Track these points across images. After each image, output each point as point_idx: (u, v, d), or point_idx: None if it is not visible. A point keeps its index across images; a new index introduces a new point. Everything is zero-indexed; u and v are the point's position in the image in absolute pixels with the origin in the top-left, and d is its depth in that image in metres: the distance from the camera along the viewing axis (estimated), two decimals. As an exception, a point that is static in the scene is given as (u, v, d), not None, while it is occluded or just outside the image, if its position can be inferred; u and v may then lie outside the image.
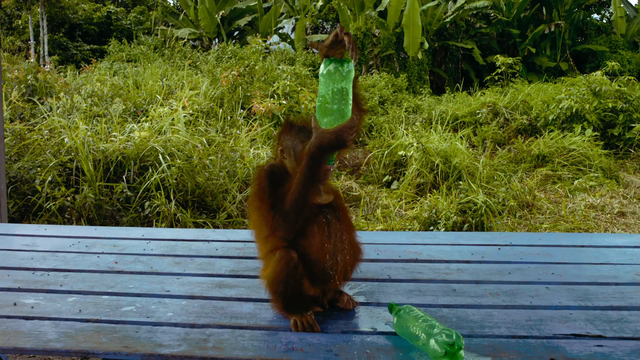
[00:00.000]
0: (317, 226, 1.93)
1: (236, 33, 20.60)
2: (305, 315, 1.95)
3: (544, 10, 18.66)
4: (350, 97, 1.78)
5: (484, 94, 12.38)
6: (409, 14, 15.20)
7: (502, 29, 18.16)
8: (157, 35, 18.53)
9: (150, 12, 21.21)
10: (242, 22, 19.35)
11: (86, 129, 6.65)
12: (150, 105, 8.74)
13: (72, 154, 6.14)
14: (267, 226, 1.93)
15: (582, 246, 3.00)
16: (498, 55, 14.29)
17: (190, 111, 8.20)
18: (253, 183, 1.99)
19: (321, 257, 1.94)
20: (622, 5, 18.27)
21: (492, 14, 18.83)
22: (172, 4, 23.55)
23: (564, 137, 8.92)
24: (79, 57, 18.23)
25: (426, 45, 15.85)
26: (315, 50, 19.51)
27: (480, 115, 10.28)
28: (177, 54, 15.30)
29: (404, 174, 7.66)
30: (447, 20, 17.15)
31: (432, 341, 1.68)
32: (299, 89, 9.49)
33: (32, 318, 2.02)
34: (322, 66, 1.76)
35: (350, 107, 1.79)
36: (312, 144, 1.79)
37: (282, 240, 1.94)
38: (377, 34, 16.35)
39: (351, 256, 2.05)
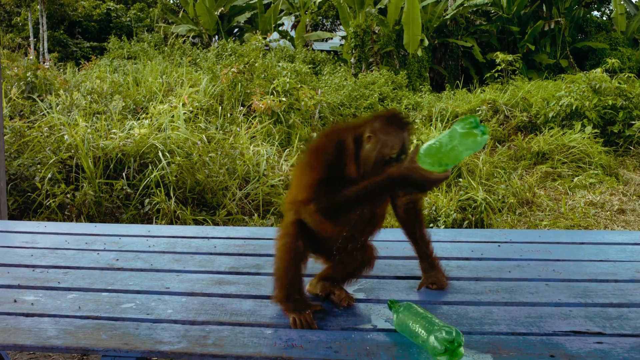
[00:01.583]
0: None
1: (236, 30, 20.58)
2: (303, 314, 1.95)
3: (544, 8, 18.64)
4: (458, 162, 1.75)
5: (484, 91, 12.38)
6: (409, 11, 15.19)
7: (502, 26, 18.14)
8: (156, 32, 18.51)
9: (150, 9, 21.18)
10: (241, 19, 19.32)
11: (86, 126, 6.64)
12: (150, 103, 8.74)
13: (72, 151, 6.14)
14: (307, 192, 1.89)
15: (582, 243, 3.00)
16: (498, 53, 14.29)
17: (190, 108, 8.20)
18: (317, 143, 1.95)
19: (334, 240, 1.99)
20: (622, 3, 18.26)
21: (492, 11, 18.80)
22: (171, 2, 23.52)
23: (563, 134, 8.91)
24: (78, 54, 18.21)
25: (426, 42, 15.84)
26: (314, 48, 19.49)
27: (480, 112, 10.27)
28: (177, 51, 15.29)
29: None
30: (447, 17, 17.13)
31: (431, 338, 1.68)
32: (299, 86, 9.49)
33: (32, 315, 2.01)
34: (468, 121, 1.65)
35: (450, 168, 1.76)
36: (401, 171, 1.74)
37: (314, 212, 1.89)
38: (377, 31, 16.32)
39: (362, 255, 2.11)
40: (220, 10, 18.66)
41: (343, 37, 20.22)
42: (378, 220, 2.10)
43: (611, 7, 19.70)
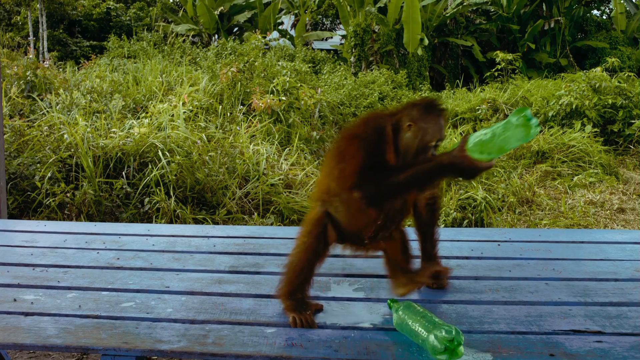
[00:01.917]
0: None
1: (236, 29, 20.57)
2: (304, 314, 1.95)
3: (544, 7, 18.63)
4: (504, 152, 1.79)
5: (484, 90, 12.38)
6: (409, 10, 15.18)
7: (502, 25, 18.14)
8: (156, 31, 18.49)
9: (150, 8, 21.17)
10: (241, 18, 19.31)
11: (86, 125, 6.64)
12: (150, 102, 8.73)
13: (72, 150, 6.14)
14: (349, 179, 1.87)
15: (582, 242, 3.00)
16: (498, 52, 14.29)
17: (190, 107, 8.19)
18: (355, 130, 1.94)
19: (366, 227, 2.01)
20: (622, 2, 18.25)
21: (492, 10, 18.80)
22: (171, 1, 23.51)
23: (563, 133, 8.91)
24: (78, 53, 18.20)
25: (426, 41, 15.83)
26: (314, 47, 19.48)
27: (480, 111, 10.28)
28: (177, 50, 15.28)
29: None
30: (447, 16, 17.12)
31: (431, 337, 1.68)
32: (299, 85, 9.48)
33: (32, 314, 2.02)
34: (523, 113, 1.71)
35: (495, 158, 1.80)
36: (451, 159, 1.76)
37: (359, 199, 1.87)
38: (376, 30, 16.32)
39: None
40: (220, 10, 18.65)
41: (343, 36, 20.22)
42: (407, 209, 2.12)
43: (611, 6, 19.69)
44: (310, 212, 2.08)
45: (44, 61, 11.33)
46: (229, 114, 8.68)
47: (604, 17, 20.67)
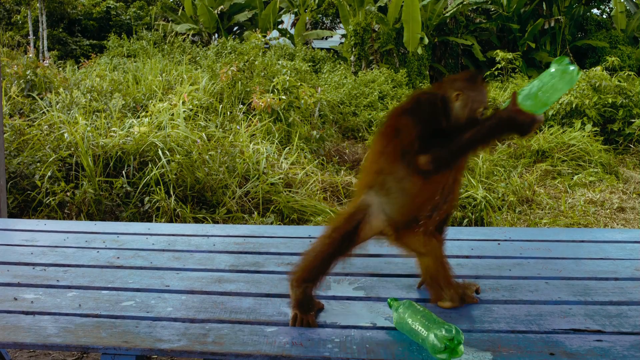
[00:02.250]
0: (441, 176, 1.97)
1: (236, 28, 20.57)
2: (307, 314, 1.95)
3: (544, 6, 18.62)
4: (553, 102, 1.90)
5: (484, 89, 12.34)
6: (409, 9, 15.17)
7: (502, 24, 18.13)
8: (156, 30, 18.48)
9: (150, 7, 21.17)
10: (241, 17, 19.30)
11: (86, 124, 6.64)
12: (150, 101, 8.73)
13: (72, 149, 6.14)
14: (405, 149, 1.91)
15: (582, 241, 3.00)
16: (498, 51, 14.29)
17: (190, 106, 8.19)
18: (406, 105, 2.00)
19: (423, 205, 2.00)
20: (622, 1, 18.24)
21: (492, 9, 18.79)
22: (171, 0, 23.48)
23: (563, 132, 8.91)
24: (78, 52, 18.20)
25: (426, 40, 15.82)
26: (314, 46, 19.48)
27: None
28: (177, 49, 15.28)
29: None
30: (447, 15, 17.11)
31: (431, 336, 1.68)
32: (299, 84, 9.48)
33: (32, 313, 2.02)
34: (564, 61, 1.83)
35: (546, 110, 1.89)
36: (508, 114, 1.84)
37: (426, 165, 1.89)
38: (376, 29, 16.31)
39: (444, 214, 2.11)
40: (220, 9, 18.65)
41: (343, 35, 20.22)
42: (457, 188, 2.13)
43: (611, 5, 19.68)
44: (349, 205, 2.08)
45: (43, 60, 11.32)
46: (229, 113, 8.68)
47: (604, 16, 20.65)
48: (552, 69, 1.83)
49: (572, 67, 1.81)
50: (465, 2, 16.95)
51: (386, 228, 2.03)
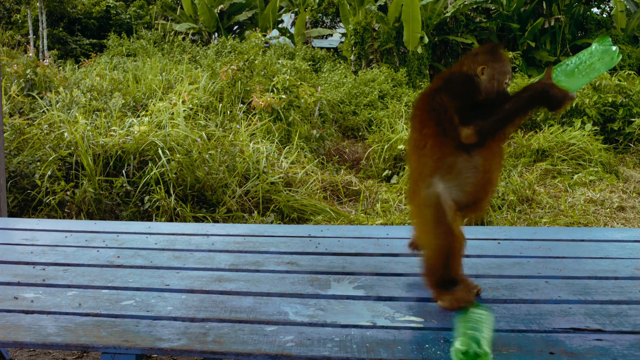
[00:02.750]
0: (489, 153, 1.96)
1: (236, 27, 20.55)
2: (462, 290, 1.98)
3: (544, 5, 18.60)
4: (590, 81, 1.93)
5: (484, 88, 12.35)
6: (409, 9, 15.15)
7: (502, 23, 18.11)
8: (156, 29, 18.47)
9: (150, 7, 21.15)
10: (241, 16, 19.29)
11: (86, 123, 6.64)
12: (150, 100, 8.73)
13: (72, 148, 6.14)
14: (456, 118, 1.90)
15: (582, 240, 3.00)
16: (498, 50, 14.24)
17: (190, 105, 8.19)
18: (440, 81, 2.00)
19: (480, 185, 1.98)
20: (622, 0, 18.22)
21: (492, 8, 18.77)
22: (171, -1, 23.46)
23: (563, 131, 8.91)
24: (78, 51, 18.18)
25: (426, 39, 15.81)
26: (314, 45, 19.47)
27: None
28: (177, 49, 15.27)
29: (404, 168, 7.66)
30: (447, 15, 17.10)
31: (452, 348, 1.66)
32: (299, 83, 9.47)
33: (32, 312, 2.02)
34: (605, 41, 1.83)
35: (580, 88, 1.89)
36: (543, 86, 1.85)
37: (470, 137, 1.89)
38: (377, 28, 16.30)
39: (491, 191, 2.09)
40: (220, 8, 18.64)
41: (343, 34, 20.20)
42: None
43: (611, 5, 19.66)
44: (416, 201, 2.04)
45: (43, 59, 11.31)
46: (229, 112, 8.67)
47: (604, 16, 20.64)
48: (593, 47, 1.83)
49: (613, 48, 1.80)
50: (466, 3, 16.93)
51: (454, 213, 2.02)
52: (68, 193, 5.58)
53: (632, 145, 9.32)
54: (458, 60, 2.09)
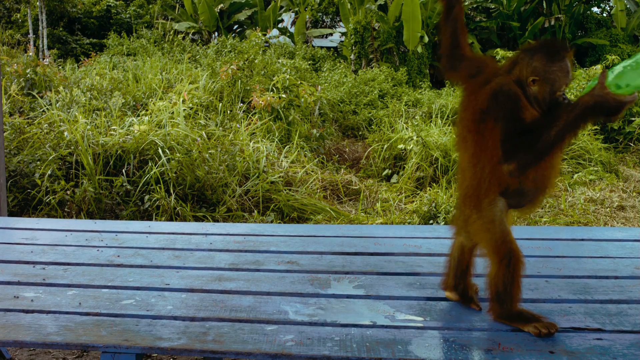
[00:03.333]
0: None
1: (236, 27, 20.55)
2: (542, 321, 1.87)
3: (544, 4, 18.61)
4: None
5: (484, 87, 12.34)
6: (409, 8, 15.15)
7: (502, 23, 18.11)
8: (156, 28, 18.47)
9: (150, 6, 21.14)
10: (241, 16, 19.29)
11: (85, 122, 6.64)
12: (150, 99, 8.73)
13: (72, 147, 6.14)
14: (494, 154, 1.81)
15: (582, 240, 3.00)
16: (498, 49, 14.26)
17: (190, 105, 8.19)
18: (487, 100, 1.83)
19: (539, 192, 1.90)
20: (622, -1, 18.22)
21: (492, 8, 18.78)
22: (171, -2, 23.45)
23: (564, 130, 8.89)
24: (78, 50, 18.18)
25: (426, 39, 15.81)
26: (314, 45, 19.45)
27: (480, 109, 10.24)
28: (177, 48, 15.26)
29: (404, 167, 7.66)
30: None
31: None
32: (299, 82, 9.47)
33: (32, 311, 2.02)
34: None
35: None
36: (595, 99, 1.70)
37: (512, 172, 1.80)
38: (377, 28, 16.30)
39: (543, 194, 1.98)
40: (220, 7, 18.63)
41: (343, 34, 20.20)
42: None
43: (611, 4, 19.66)
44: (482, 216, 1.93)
45: (43, 59, 11.31)
46: (229, 111, 8.67)
47: (604, 15, 20.64)
48: None
49: None
50: (467, 3, 16.92)
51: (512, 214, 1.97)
52: (68, 192, 5.58)
53: (632, 144, 9.32)
54: (511, 59, 1.93)
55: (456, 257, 2.13)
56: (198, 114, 8.13)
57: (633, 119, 9.38)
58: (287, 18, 21.35)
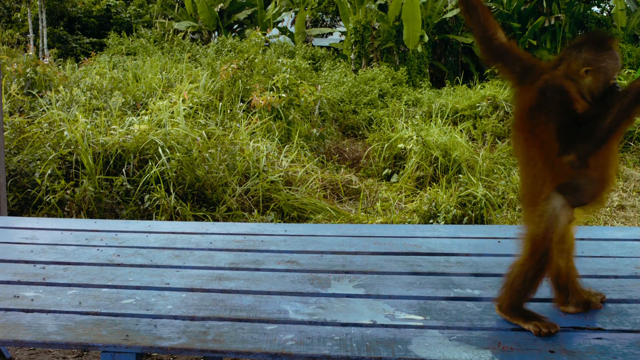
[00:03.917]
0: (603, 154, 1.84)
1: (235, 26, 20.54)
2: (544, 321, 1.87)
3: (544, 4, 18.60)
4: None
5: (484, 87, 12.35)
6: (409, 7, 15.15)
7: (502, 22, 18.09)
8: (156, 28, 18.46)
9: (150, 5, 21.14)
10: (241, 15, 19.28)
11: (86, 122, 6.64)
12: (150, 99, 8.72)
13: (72, 147, 6.14)
14: (548, 148, 1.81)
15: (582, 239, 3.00)
16: (498, 49, 14.24)
17: (190, 104, 8.19)
18: (535, 97, 1.84)
19: (598, 187, 1.88)
20: (622, -2, 18.21)
21: (492, 7, 18.77)
22: (171, -3, 23.44)
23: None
24: (78, 50, 18.17)
25: (426, 38, 15.80)
26: (314, 44, 19.46)
27: (480, 108, 10.26)
28: (177, 47, 15.25)
29: (404, 167, 7.66)
30: (447, 14, 17.09)
31: None
32: (299, 82, 9.47)
33: (32, 311, 2.02)
34: None
35: None
36: None
37: (572, 163, 1.79)
38: (377, 27, 16.29)
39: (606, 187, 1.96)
40: (219, 7, 18.62)
41: (343, 33, 20.20)
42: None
43: (611, 3, 19.65)
44: (531, 224, 1.92)
45: (43, 58, 11.31)
46: (229, 111, 8.67)
47: (604, 14, 20.63)
48: None
49: None
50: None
51: (572, 216, 1.95)
52: (68, 192, 5.58)
53: (631, 144, 9.32)
54: (559, 54, 1.92)
55: (552, 271, 2.04)
56: (198, 114, 8.13)
57: (633, 118, 9.36)
58: (287, 18, 21.34)
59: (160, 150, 6.12)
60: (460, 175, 6.90)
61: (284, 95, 8.69)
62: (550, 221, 1.88)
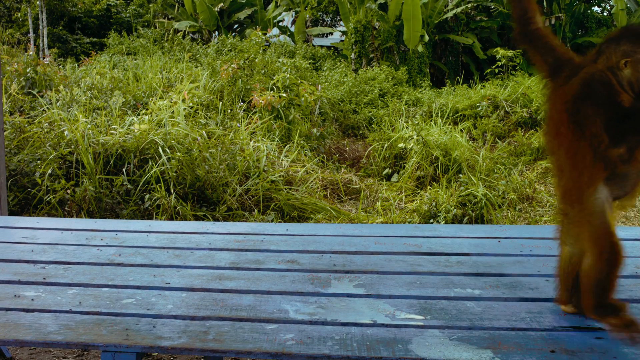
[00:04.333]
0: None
1: (236, 26, 20.55)
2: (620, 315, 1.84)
3: (544, 3, 18.60)
4: None
5: (484, 87, 12.35)
6: (409, 7, 15.15)
7: (502, 22, 18.10)
8: (156, 28, 18.47)
9: (150, 5, 21.14)
10: (241, 15, 19.29)
11: (86, 121, 6.64)
12: (150, 98, 8.73)
13: (72, 146, 6.14)
14: (595, 141, 1.77)
15: (582, 239, 3.00)
16: (498, 48, 14.26)
17: (190, 104, 8.19)
18: (579, 87, 1.81)
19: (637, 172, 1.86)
20: (623, -2, 18.21)
21: (492, 7, 18.77)
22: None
23: (564, 130, 8.88)
24: (78, 50, 18.18)
25: (426, 38, 15.80)
26: (315, 44, 19.46)
27: (480, 108, 10.26)
28: (177, 47, 15.26)
29: (404, 166, 7.66)
30: (448, 14, 17.09)
31: None
32: (299, 81, 9.47)
33: (32, 310, 2.02)
34: None
35: None
36: None
37: (621, 155, 1.77)
38: (377, 27, 16.29)
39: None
40: (220, 6, 18.63)
41: (343, 33, 20.20)
42: None
43: (612, 3, 19.64)
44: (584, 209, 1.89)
45: (44, 58, 11.31)
46: (229, 110, 8.67)
47: (605, 14, 20.63)
48: None
49: None
50: (469, 5, 16.93)
51: (612, 209, 1.93)
52: (68, 191, 5.58)
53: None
54: (596, 48, 1.90)
55: (565, 269, 2.04)
56: (198, 113, 8.13)
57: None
58: (288, 17, 21.35)
59: (160, 149, 6.12)
60: (461, 175, 6.90)
61: (284, 95, 8.69)
62: (604, 216, 1.86)
